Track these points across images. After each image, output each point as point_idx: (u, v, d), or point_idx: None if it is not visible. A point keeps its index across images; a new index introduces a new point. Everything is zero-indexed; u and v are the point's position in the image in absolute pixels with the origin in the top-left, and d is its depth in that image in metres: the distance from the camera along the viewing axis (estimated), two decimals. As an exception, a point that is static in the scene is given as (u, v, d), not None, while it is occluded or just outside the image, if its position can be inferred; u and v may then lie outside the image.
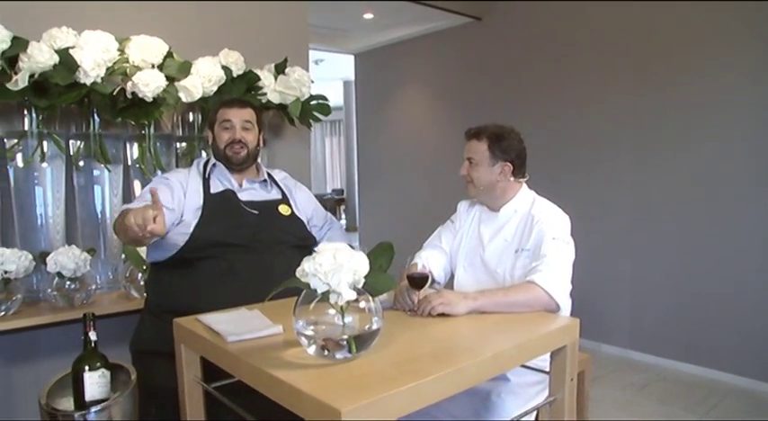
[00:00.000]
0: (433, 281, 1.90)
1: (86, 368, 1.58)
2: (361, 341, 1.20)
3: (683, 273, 3.65)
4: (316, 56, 7.34)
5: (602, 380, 3.52)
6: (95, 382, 1.58)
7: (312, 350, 1.21)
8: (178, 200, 1.91)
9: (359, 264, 1.16)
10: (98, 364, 1.60)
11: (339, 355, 1.19)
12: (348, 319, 1.19)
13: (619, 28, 3.88)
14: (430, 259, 1.91)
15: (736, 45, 3.36)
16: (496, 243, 1.88)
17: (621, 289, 3.97)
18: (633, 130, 3.85)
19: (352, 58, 6.26)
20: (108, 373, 1.62)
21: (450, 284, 1.98)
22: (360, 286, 1.18)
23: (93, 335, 1.59)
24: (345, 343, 1.18)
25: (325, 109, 2.93)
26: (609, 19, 3.93)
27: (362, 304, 1.21)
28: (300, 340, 1.22)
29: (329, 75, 9.16)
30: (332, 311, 1.19)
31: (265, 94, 2.68)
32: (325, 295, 1.16)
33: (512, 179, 1.86)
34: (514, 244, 1.83)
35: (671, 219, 3.69)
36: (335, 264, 1.14)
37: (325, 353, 1.19)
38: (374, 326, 1.22)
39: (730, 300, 3.44)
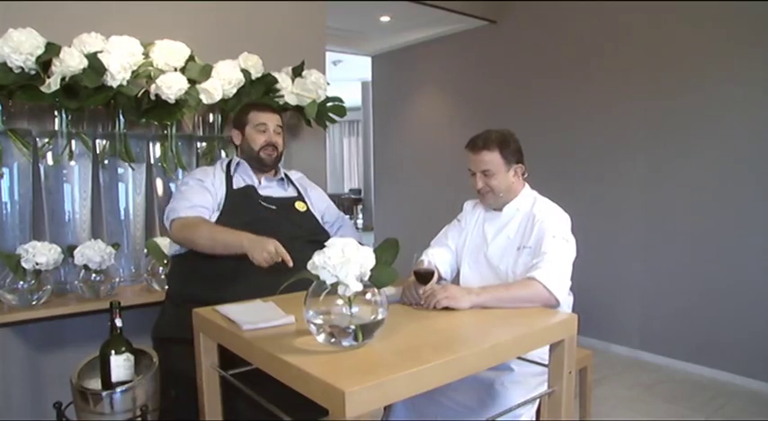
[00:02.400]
0: (440, 277, 1.99)
1: (113, 352, 1.70)
2: (366, 330, 1.29)
3: (693, 275, 3.68)
4: (334, 57, 7.43)
5: (610, 380, 3.56)
6: (121, 365, 1.69)
7: (321, 338, 1.30)
8: (213, 197, 2.05)
9: (365, 258, 1.25)
10: (123, 349, 1.71)
11: (346, 343, 1.28)
12: (355, 309, 1.28)
13: (633, 32, 3.92)
14: (436, 256, 1.99)
15: (750, 49, 3.38)
16: (499, 240, 1.96)
17: (632, 289, 4.01)
18: (646, 133, 3.89)
19: (369, 59, 6.35)
20: (132, 357, 1.74)
21: (456, 280, 2.06)
22: (366, 279, 1.27)
23: (119, 322, 1.70)
24: (352, 331, 1.27)
25: (341, 110, 3.01)
26: (623, 22, 3.97)
27: (369, 296, 1.30)
28: (310, 328, 1.31)
29: (347, 75, 9.25)
30: (340, 302, 1.28)
31: (283, 96, 2.77)
32: (334, 286, 1.25)
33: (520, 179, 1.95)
34: (516, 241, 1.91)
35: (681, 220, 3.72)
36: (343, 258, 1.23)
37: (333, 340, 1.28)
38: (379, 317, 1.30)
39: (740, 302, 3.46)
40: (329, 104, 2.96)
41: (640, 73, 3.89)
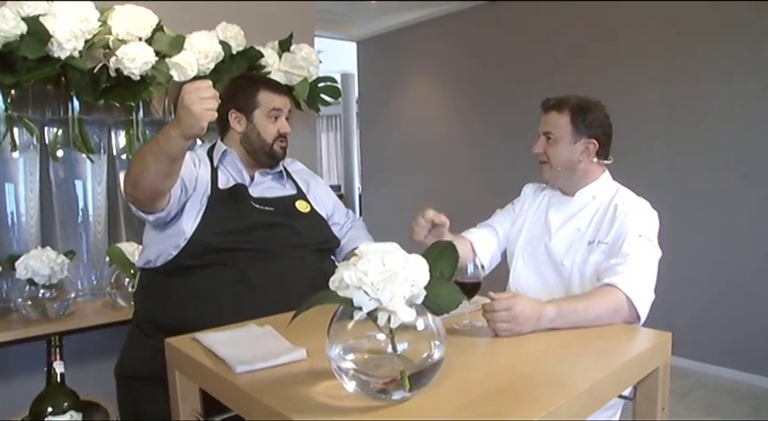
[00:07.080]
0: (475, 255, 1.68)
1: (49, 410, 1.23)
2: (417, 377, 0.89)
3: (725, 269, 3.37)
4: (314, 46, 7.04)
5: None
6: (62, 429, 1.24)
7: (352, 386, 0.90)
8: (191, 173, 1.59)
9: (417, 272, 0.85)
10: (65, 404, 1.25)
11: (393, 396, 0.88)
12: (401, 347, 0.88)
13: (646, 11, 3.58)
14: (477, 238, 1.70)
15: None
16: (566, 231, 1.61)
17: (656, 286, 3.67)
18: (665, 121, 3.57)
19: (351, 49, 5.97)
20: (79, 415, 1.27)
21: (503, 277, 1.70)
22: (419, 301, 0.87)
23: (59, 367, 1.22)
24: (399, 379, 0.87)
25: (335, 92, 2.67)
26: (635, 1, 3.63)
27: (420, 325, 0.90)
28: (337, 375, 0.91)
29: (327, 68, 8.78)
30: (380, 335, 0.88)
31: (269, 73, 2.39)
32: (372, 315, 0.85)
33: (595, 160, 1.63)
34: (589, 234, 1.56)
35: (709, 211, 3.42)
36: (386, 272, 0.83)
37: (380, 395, 0.88)
38: (435, 356, 0.90)
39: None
40: (321, 84, 2.61)
41: (656, 56, 3.57)
